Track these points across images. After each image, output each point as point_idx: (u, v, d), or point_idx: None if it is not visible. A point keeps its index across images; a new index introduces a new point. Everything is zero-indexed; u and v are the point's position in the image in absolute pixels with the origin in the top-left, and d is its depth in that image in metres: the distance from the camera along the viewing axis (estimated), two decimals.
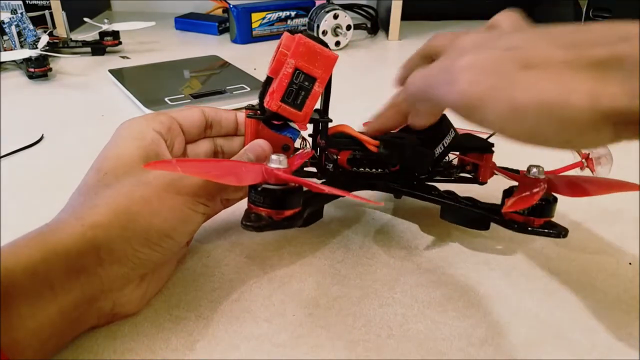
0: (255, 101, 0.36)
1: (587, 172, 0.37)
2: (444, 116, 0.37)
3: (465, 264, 0.36)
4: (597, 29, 0.22)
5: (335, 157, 0.37)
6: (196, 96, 0.65)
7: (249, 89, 0.68)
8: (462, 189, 0.38)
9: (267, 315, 0.32)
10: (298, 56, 0.31)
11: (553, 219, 0.34)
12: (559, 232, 0.33)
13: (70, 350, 0.29)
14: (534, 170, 0.34)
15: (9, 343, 0.23)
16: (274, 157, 0.29)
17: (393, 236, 0.39)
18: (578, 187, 0.35)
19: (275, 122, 0.35)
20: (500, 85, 0.23)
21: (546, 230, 0.33)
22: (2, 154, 0.52)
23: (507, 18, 0.30)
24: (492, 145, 0.38)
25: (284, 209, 0.29)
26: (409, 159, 0.35)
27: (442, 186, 0.38)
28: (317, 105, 0.34)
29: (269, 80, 0.34)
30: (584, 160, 0.37)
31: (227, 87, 0.68)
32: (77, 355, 0.28)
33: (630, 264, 0.36)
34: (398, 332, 0.30)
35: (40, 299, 0.25)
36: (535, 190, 0.33)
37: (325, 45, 0.32)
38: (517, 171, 0.37)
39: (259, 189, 0.29)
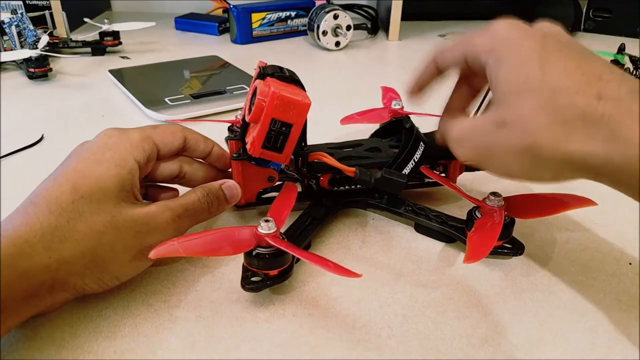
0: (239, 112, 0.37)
1: None
2: (415, 130, 0.40)
3: (465, 264, 0.36)
4: None
5: (318, 176, 0.40)
6: (196, 96, 0.65)
7: (248, 89, 0.68)
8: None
9: (267, 315, 0.32)
10: (273, 109, 0.33)
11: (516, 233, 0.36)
12: (516, 250, 0.36)
13: (70, 350, 0.29)
14: (493, 198, 0.35)
15: None
16: (263, 224, 0.31)
17: (393, 236, 0.39)
18: (534, 207, 0.36)
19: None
20: None
21: (505, 250, 0.36)
22: (2, 154, 0.52)
23: None
24: None
25: (277, 268, 0.32)
26: (382, 185, 0.38)
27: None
28: None
29: (247, 123, 0.36)
30: None
31: (227, 87, 0.68)
32: (77, 356, 0.28)
33: (630, 264, 0.36)
34: (398, 332, 0.30)
35: None
36: (491, 234, 0.33)
37: (298, 81, 0.34)
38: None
39: (254, 254, 0.31)
